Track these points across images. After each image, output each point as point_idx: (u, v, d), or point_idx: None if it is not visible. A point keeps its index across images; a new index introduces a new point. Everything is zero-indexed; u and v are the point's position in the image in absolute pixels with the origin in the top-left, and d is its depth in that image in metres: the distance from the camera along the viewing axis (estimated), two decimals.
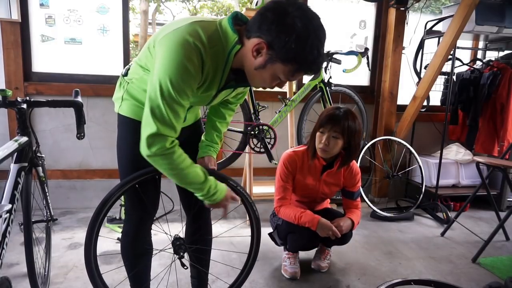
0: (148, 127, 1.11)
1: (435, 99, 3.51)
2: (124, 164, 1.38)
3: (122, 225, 2.29)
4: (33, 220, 1.56)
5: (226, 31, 1.14)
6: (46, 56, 2.85)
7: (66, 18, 2.84)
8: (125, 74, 1.33)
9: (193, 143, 1.48)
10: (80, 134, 1.60)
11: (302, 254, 2.23)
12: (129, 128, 1.32)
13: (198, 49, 1.09)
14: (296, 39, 1.04)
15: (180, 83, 1.08)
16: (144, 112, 1.13)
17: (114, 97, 1.37)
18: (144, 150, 1.13)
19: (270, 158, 2.66)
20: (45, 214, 1.89)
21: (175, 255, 1.46)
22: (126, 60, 2.98)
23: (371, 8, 3.45)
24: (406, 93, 3.42)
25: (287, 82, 1.30)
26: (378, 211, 3.03)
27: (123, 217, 2.49)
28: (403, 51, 3.34)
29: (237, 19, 1.17)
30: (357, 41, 3.47)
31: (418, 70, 3.39)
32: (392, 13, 3.27)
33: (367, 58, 2.94)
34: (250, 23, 1.13)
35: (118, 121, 1.36)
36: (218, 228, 2.65)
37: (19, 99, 1.45)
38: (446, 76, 3.30)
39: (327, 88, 2.85)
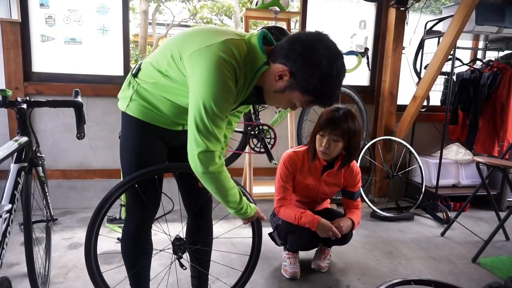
0: (197, 145, 1.15)
1: (435, 99, 3.51)
2: (128, 162, 1.39)
3: (122, 225, 2.28)
4: (33, 220, 1.56)
5: (256, 51, 1.18)
6: (46, 56, 2.85)
7: (66, 18, 2.83)
8: (135, 75, 1.32)
9: None
10: (80, 134, 1.60)
11: (302, 254, 2.23)
12: (134, 128, 1.33)
13: (234, 68, 1.13)
14: (319, 76, 1.11)
15: (223, 101, 1.13)
16: (190, 130, 1.16)
17: (121, 95, 1.37)
18: (198, 168, 1.17)
19: (270, 158, 2.66)
20: (45, 214, 1.89)
21: (174, 255, 1.46)
22: (126, 60, 2.98)
23: (371, 8, 3.45)
24: (406, 93, 3.42)
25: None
26: (378, 211, 3.03)
27: (123, 217, 2.49)
28: (403, 51, 3.34)
29: (263, 38, 1.21)
30: (357, 41, 3.47)
31: (418, 70, 3.39)
32: (392, 13, 3.27)
33: (367, 58, 2.95)
34: (278, 48, 1.18)
35: (123, 119, 1.37)
36: (218, 228, 2.64)
37: (19, 99, 1.45)
38: (446, 76, 3.30)
39: None
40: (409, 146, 3.29)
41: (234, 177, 1.47)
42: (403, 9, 3.23)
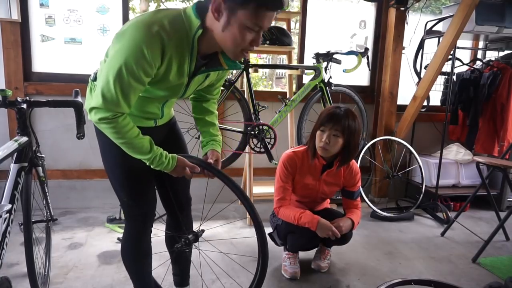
0: (96, 98, 1.14)
1: (435, 99, 3.51)
2: (118, 174, 1.36)
3: (122, 225, 2.28)
4: (33, 220, 1.56)
5: (190, 18, 1.15)
6: (46, 56, 2.85)
7: (66, 18, 2.84)
8: (94, 79, 1.30)
9: (171, 143, 1.47)
10: (80, 134, 1.60)
11: (302, 254, 2.23)
12: None
13: (159, 36, 1.09)
14: None
15: (133, 66, 1.09)
16: (97, 84, 1.16)
17: (86, 104, 1.31)
18: (90, 116, 1.19)
19: (270, 158, 2.66)
20: (45, 214, 1.89)
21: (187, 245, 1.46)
22: None
23: (371, 8, 3.45)
24: (406, 93, 3.42)
25: (288, 82, 1.30)
26: (378, 211, 3.03)
27: (123, 217, 2.49)
28: (403, 51, 3.34)
29: (200, 5, 1.17)
30: (357, 41, 3.47)
31: (418, 70, 3.39)
32: (392, 13, 3.27)
33: (367, 58, 2.94)
34: (204, 1, 1.14)
35: (97, 128, 1.30)
36: (218, 228, 2.65)
37: (19, 99, 1.45)
38: (446, 76, 3.30)
39: (327, 88, 2.85)
40: (409, 146, 3.29)
41: (234, 177, 1.47)
42: (403, 9, 3.23)
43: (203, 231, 1.50)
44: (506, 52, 3.44)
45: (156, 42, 1.09)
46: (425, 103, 3.28)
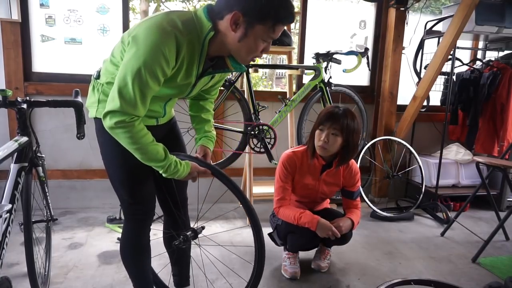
0: (112, 102, 1.14)
1: (435, 99, 3.51)
2: (119, 173, 1.36)
3: (121, 225, 2.28)
4: (33, 220, 1.56)
5: (201, 20, 1.18)
6: (46, 56, 2.85)
7: (66, 18, 2.84)
8: (97, 77, 1.32)
9: (170, 142, 1.45)
10: (80, 134, 1.60)
11: (302, 254, 2.23)
12: None
13: (174, 35, 1.12)
14: None
15: (152, 66, 1.11)
16: (112, 88, 1.15)
17: (88, 103, 1.34)
18: (105, 122, 1.17)
19: (270, 158, 2.66)
20: (45, 214, 1.89)
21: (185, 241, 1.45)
22: None
23: (371, 8, 3.45)
24: (406, 93, 3.42)
25: (288, 82, 1.31)
26: (378, 211, 3.03)
27: (123, 217, 2.49)
28: (403, 51, 3.34)
29: (211, 9, 1.21)
30: (357, 41, 3.47)
31: (418, 70, 3.40)
32: (392, 13, 3.27)
33: (367, 58, 2.94)
34: (216, 6, 1.18)
35: (97, 127, 1.32)
36: (218, 228, 2.65)
37: (19, 99, 1.45)
38: (446, 76, 3.30)
39: (327, 88, 2.85)
40: (409, 146, 3.29)
41: (234, 177, 1.46)
42: (403, 9, 3.23)
43: (203, 227, 1.50)
44: (506, 52, 3.44)
45: (172, 41, 1.11)
46: (425, 103, 3.28)
